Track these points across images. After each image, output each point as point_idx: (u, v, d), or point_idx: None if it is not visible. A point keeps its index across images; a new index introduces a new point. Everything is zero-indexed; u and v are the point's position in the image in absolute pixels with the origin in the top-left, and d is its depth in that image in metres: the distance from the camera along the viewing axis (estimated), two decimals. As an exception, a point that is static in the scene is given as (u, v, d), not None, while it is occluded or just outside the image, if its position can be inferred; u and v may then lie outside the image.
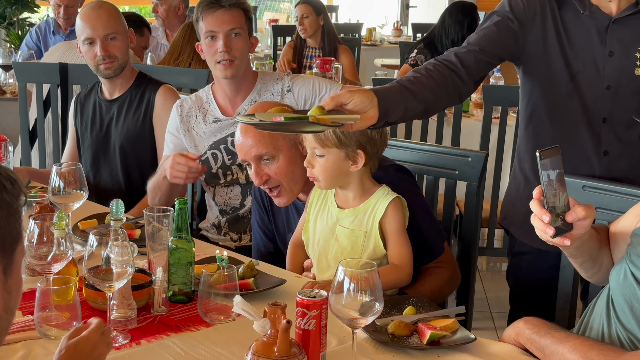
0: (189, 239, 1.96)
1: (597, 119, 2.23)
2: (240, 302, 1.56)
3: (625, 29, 2.20)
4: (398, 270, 2.09)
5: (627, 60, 2.20)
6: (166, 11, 5.43)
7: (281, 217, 2.47)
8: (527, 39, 2.24)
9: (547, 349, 1.63)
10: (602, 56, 2.21)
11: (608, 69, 2.21)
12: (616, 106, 2.22)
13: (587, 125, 2.24)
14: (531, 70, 2.30)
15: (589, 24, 2.21)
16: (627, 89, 2.21)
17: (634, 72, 2.21)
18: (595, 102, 2.23)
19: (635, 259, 1.68)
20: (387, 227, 2.11)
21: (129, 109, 3.16)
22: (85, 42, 3.08)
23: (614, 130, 2.23)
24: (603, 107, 2.23)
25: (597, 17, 2.21)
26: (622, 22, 2.20)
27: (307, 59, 5.93)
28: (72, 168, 2.27)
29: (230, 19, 2.76)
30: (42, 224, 1.86)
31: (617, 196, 2.06)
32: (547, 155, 1.55)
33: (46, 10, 8.57)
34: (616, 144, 2.24)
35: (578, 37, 2.22)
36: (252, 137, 2.32)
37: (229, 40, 2.76)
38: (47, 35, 5.47)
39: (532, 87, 2.32)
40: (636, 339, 1.64)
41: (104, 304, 1.81)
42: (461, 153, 2.50)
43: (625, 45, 2.20)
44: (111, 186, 3.19)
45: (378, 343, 1.75)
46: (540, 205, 1.58)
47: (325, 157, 2.09)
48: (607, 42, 2.20)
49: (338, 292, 1.57)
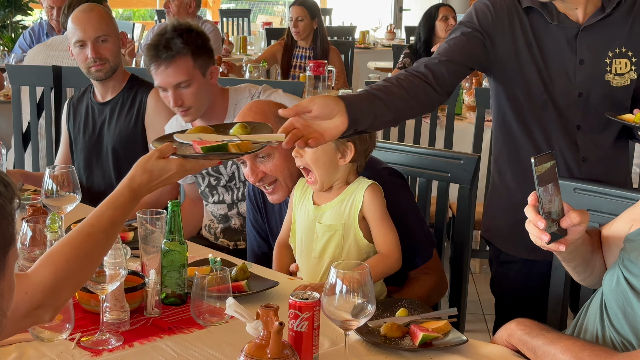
0: (182, 241, 1.96)
1: (571, 127, 2.25)
2: (233, 304, 1.56)
3: (594, 35, 2.21)
4: (385, 259, 2.10)
5: (597, 67, 2.22)
6: (177, 7, 5.47)
7: (274, 217, 2.48)
8: (497, 50, 2.24)
9: (539, 350, 1.63)
10: (572, 64, 2.22)
11: (579, 76, 2.22)
12: (589, 113, 2.24)
13: (564, 133, 2.26)
14: (504, 81, 2.30)
15: (558, 33, 2.22)
16: (598, 95, 2.23)
17: (604, 77, 2.23)
18: (568, 110, 2.24)
19: (628, 264, 1.69)
20: (368, 214, 2.12)
21: (121, 111, 3.16)
22: (76, 44, 3.08)
23: (589, 137, 2.25)
24: (576, 114, 2.24)
25: (566, 26, 2.21)
26: (590, 29, 2.21)
27: (297, 58, 5.93)
28: (65, 171, 2.28)
29: (174, 73, 2.67)
30: (35, 227, 1.87)
31: (608, 198, 2.07)
32: (542, 162, 1.55)
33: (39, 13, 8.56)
34: (593, 150, 2.26)
35: (549, 47, 2.22)
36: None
37: (178, 95, 2.69)
38: (41, 37, 5.47)
39: (506, 98, 2.31)
40: (629, 344, 1.64)
41: (97, 307, 1.81)
42: (453, 155, 2.51)
43: (594, 53, 2.22)
44: (104, 188, 3.19)
45: (370, 345, 1.75)
46: (535, 212, 1.58)
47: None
48: (577, 50, 2.22)
49: (330, 294, 1.57)
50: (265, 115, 2.30)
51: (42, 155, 3.99)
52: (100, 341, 1.75)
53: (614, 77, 2.23)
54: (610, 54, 2.23)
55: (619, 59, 2.23)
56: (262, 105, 2.37)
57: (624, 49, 2.23)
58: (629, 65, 2.24)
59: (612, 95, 2.24)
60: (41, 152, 3.98)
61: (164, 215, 2.00)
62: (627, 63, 2.24)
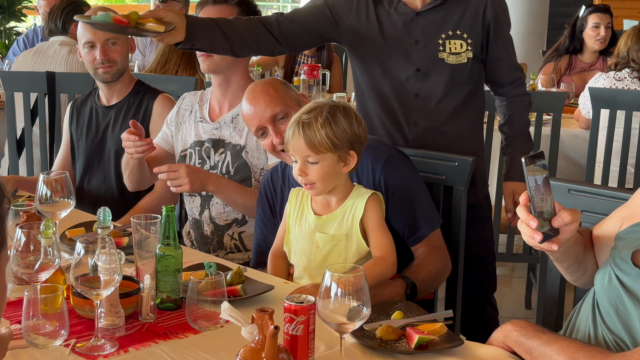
0: (177, 246, 1.96)
1: (409, 95, 2.62)
2: (228, 308, 1.56)
3: (427, 20, 2.58)
4: (381, 262, 2.10)
5: (430, 46, 2.58)
6: None
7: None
8: (345, 27, 2.63)
9: (535, 351, 1.63)
10: (410, 44, 2.60)
11: (415, 54, 2.60)
12: (426, 84, 2.61)
13: (399, 100, 2.63)
14: (353, 54, 2.71)
15: (397, 18, 2.60)
16: (434, 70, 2.60)
17: (439, 56, 2.58)
18: (408, 81, 2.62)
19: (619, 262, 1.69)
20: (367, 223, 2.13)
21: (126, 116, 3.16)
22: (85, 45, 3.09)
23: (425, 105, 2.61)
24: (415, 85, 2.61)
25: (404, 12, 2.59)
26: (424, 14, 2.59)
27: (299, 64, 5.93)
28: (59, 176, 2.27)
29: (217, 14, 2.75)
30: (29, 233, 1.86)
31: (602, 199, 2.07)
32: (533, 161, 1.55)
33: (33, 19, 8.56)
34: (425, 116, 2.63)
35: (389, 29, 2.60)
36: (262, 101, 2.41)
37: None
38: (35, 43, 5.46)
39: (355, 68, 2.72)
40: (622, 342, 1.65)
41: (92, 312, 1.80)
42: (448, 158, 2.51)
43: (428, 34, 2.58)
44: (104, 192, 3.19)
45: (366, 348, 1.75)
46: (527, 211, 1.58)
47: (319, 164, 2.09)
48: (412, 32, 2.59)
49: (325, 297, 1.57)
50: (282, 97, 2.43)
51: (36, 162, 3.99)
52: (95, 347, 1.75)
53: (449, 55, 2.58)
54: (444, 36, 2.58)
55: (453, 40, 2.58)
56: (278, 87, 2.46)
57: (459, 32, 2.58)
58: (465, 46, 2.59)
59: (447, 71, 2.59)
60: (35, 158, 3.97)
61: (158, 220, 2.00)
62: (463, 44, 2.58)
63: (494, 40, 2.62)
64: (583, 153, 4.01)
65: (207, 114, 2.87)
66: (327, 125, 2.07)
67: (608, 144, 3.82)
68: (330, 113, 2.09)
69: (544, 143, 3.76)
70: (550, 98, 3.85)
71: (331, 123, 2.07)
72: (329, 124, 2.07)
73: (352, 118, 2.11)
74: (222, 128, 2.81)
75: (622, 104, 3.80)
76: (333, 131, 2.07)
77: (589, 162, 3.84)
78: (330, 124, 2.07)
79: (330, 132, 2.07)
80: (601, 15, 5.11)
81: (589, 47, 5.19)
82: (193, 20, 2.45)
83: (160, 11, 2.37)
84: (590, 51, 5.21)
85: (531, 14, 7.19)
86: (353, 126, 2.10)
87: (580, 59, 5.26)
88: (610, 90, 3.98)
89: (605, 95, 3.85)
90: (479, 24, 2.59)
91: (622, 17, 8.14)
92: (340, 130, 2.08)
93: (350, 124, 2.10)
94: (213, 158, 2.82)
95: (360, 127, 2.13)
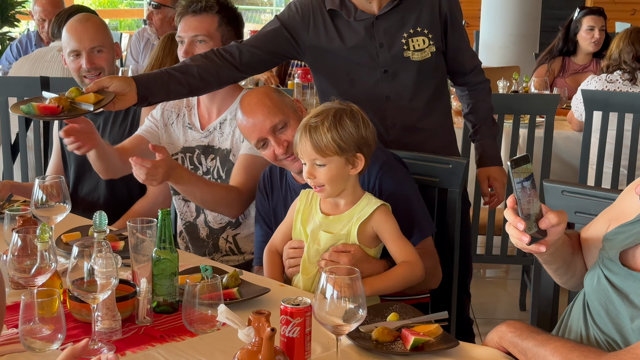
0: (173, 250, 1.97)
1: (381, 98, 2.65)
2: (225, 310, 1.57)
3: (388, 22, 2.63)
4: (409, 265, 2.14)
5: (395, 47, 2.63)
6: (161, 20, 5.43)
7: (280, 203, 2.50)
8: (305, 45, 2.67)
9: (530, 352, 1.65)
10: (374, 48, 2.63)
11: (381, 57, 2.64)
12: (396, 85, 2.65)
13: (372, 105, 2.59)
14: (317, 70, 2.76)
15: (358, 25, 2.64)
16: (401, 70, 2.64)
17: (404, 55, 2.63)
18: (377, 85, 2.65)
19: (607, 263, 1.70)
20: (385, 234, 2.16)
21: (115, 121, 3.15)
22: (70, 54, 3.07)
23: (397, 106, 2.64)
24: (384, 88, 2.66)
25: (364, 19, 2.63)
26: (383, 17, 2.63)
27: (293, 67, 5.93)
28: (55, 181, 2.27)
29: (198, 25, 2.76)
30: (25, 237, 1.87)
31: (596, 200, 2.08)
32: (519, 164, 1.56)
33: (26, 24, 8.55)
34: (399, 116, 2.66)
35: (351, 38, 2.64)
36: (260, 113, 2.38)
37: (191, 47, 2.76)
38: (29, 49, 5.45)
39: (322, 85, 2.77)
40: (614, 342, 1.66)
41: (89, 316, 1.81)
42: (442, 160, 2.52)
43: (390, 35, 2.63)
44: (96, 199, 3.19)
45: (362, 349, 1.76)
46: (514, 214, 1.59)
47: (327, 166, 2.13)
48: (375, 36, 2.62)
49: (321, 299, 1.58)
50: (278, 106, 2.40)
51: (30, 167, 3.98)
52: (92, 351, 1.75)
53: (413, 53, 2.63)
54: (406, 35, 2.62)
55: (415, 37, 2.63)
56: (273, 96, 2.42)
57: (419, 28, 2.63)
58: (427, 41, 2.64)
59: (414, 69, 2.64)
60: (30, 163, 3.97)
61: (154, 224, 2.01)
62: (425, 40, 2.63)
63: (451, 31, 2.69)
64: (576, 155, 4.03)
65: (196, 121, 2.87)
66: (334, 128, 2.11)
67: (601, 146, 3.84)
68: (336, 116, 2.13)
69: (537, 145, 3.78)
70: (544, 100, 3.87)
71: (337, 126, 2.11)
72: (335, 128, 2.11)
73: (359, 121, 2.15)
74: (211, 135, 2.82)
75: (615, 106, 3.82)
76: (339, 134, 2.11)
77: (582, 164, 3.86)
78: (337, 127, 2.11)
79: (336, 135, 2.11)
80: (595, 17, 5.13)
81: (582, 49, 5.21)
82: (144, 80, 2.45)
83: (105, 80, 2.36)
84: (583, 53, 5.23)
85: (523, 16, 7.21)
86: (360, 129, 2.14)
87: (574, 61, 5.28)
88: (603, 93, 4.00)
89: (597, 98, 3.87)
90: (436, 18, 2.65)
91: (614, 19, 8.17)
92: (347, 134, 2.12)
93: (357, 127, 2.14)
94: (205, 164, 2.83)
95: (368, 129, 2.16)
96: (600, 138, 3.84)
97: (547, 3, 8.23)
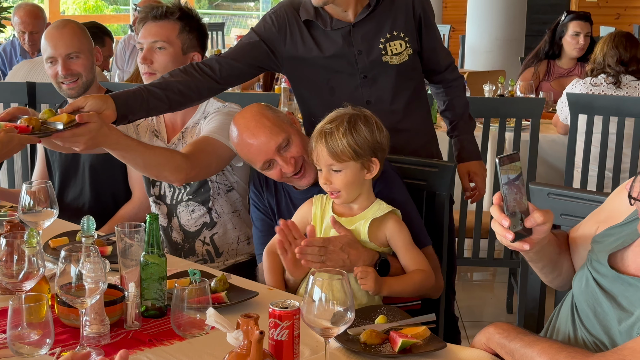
0: (161, 254, 1.97)
1: (362, 104, 2.55)
2: (214, 314, 1.57)
3: (364, 29, 2.65)
4: (423, 273, 2.16)
5: (373, 53, 2.65)
6: None
7: (279, 195, 2.50)
8: (283, 57, 2.67)
9: (517, 353, 1.65)
10: (352, 56, 2.65)
11: (360, 64, 2.66)
12: (376, 89, 2.68)
13: None
14: (297, 81, 2.76)
15: (335, 34, 2.64)
16: (380, 74, 2.67)
17: (382, 60, 2.65)
18: (357, 90, 2.67)
19: (596, 265, 1.72)
20: (398, 243, 2.19)
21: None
22: (47, 60, 3.03)
23: (378, 109, 2.52)
24: (364, 93, 2.67)
25: (340, 27, 2.64)
26: (360, 24, 2.64)
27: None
28: (42, 186, 2.27)
29: (158, 32, 2.72)
30: (12, 242, 1.86)
31: (582, 202, 2.10)
32: (507, 161, 1.57)
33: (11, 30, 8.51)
34: (380, 120, 2.53)
35: (329, 47, 2.65)
36: (262, 135, 2.33)
37: (150, 53, 2.71)
38: (13, 58, 5.43)
39: (300, 91, 2.78)
40: (601, 343, 1.67)
41: (77, 321, 1.81)
42: (429, 164, 2.54)
43: (368, 42, 2.65)
44: (81, 205, 3.18)
45: (350, 352, 1.77)
46: (500, 211, 1.61)
47: (343, 172, 2.15)
48: (353, 43, 2.64)
49: (310, 302, 1.59)
50: (278, 124, 2.35)
51: (17, 172, 3.97)
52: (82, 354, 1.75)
53: (391, 57, 2.65)
54: (383, 40, 2.65)
55: (392, 42, 2.65)
56: (269, 115, 2.37)
57: (395, 32, 2.65)
58: (404, 45, 2.66)
59: (393, 73, 2.67)
60: (16, 169, 3.96)
61: (142, 228, 2.01)
62: (402, 43, 2.66)
63: (426, 32, 2.72)
64: (562, 158, 4.05)
65: (163, 131, 2.84)
66: (349, 134, 2.13)
67: (586, 149, 3.87)
68: (351, 122, 2.15)
69: (523, 148, 3.80)
70: (529, 104, 3.89)
71: (352, 132, 2.14)
72: (350, 133, 2.14)
73: (373, 126, 2.18)
74: (177, 147, 2.75)
75: (600, 109, 3.84)
76: (354, 139, 2.13)
77: (567, 167, 3.88)
78: (352, 133, 2.14)
79: (351, 140, 2.13)
80: (582, 23, 5.15)
81: (567, 54, 5.24)
82: (123, 98, 2.38)
83: (79, 101, 2.29)
84: (568, 57, 5.26)
85: (509, 21, 7.26)
86: (374, 133, 2.17)
87: (559, 65, 5.31)
88: (588, 96, 4.03)
89: (582, 101, 3.90)
90: (411, 20, 2.68)
91: (599, 23, 8.23)
92: (362, 138, 2.14)
93: (372, 132, 2.16)
94: None
95: (382, 134, 2.19)
96: (586, 141, 3.87)
97: (532, 7, 8.28)
